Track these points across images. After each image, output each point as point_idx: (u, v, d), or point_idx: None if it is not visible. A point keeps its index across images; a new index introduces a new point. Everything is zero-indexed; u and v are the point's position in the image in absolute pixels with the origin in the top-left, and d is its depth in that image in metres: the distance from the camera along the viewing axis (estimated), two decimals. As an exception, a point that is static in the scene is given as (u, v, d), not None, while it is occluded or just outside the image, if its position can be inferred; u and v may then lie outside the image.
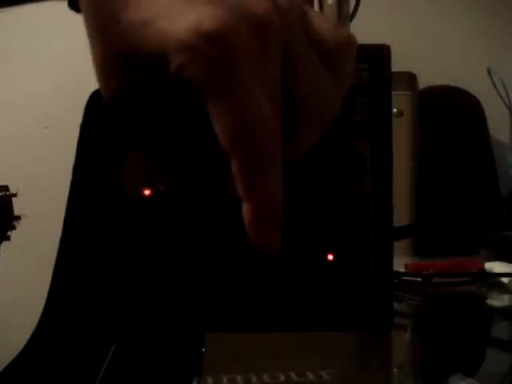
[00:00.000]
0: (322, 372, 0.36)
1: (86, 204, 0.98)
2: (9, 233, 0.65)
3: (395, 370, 0.40)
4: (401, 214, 0.47)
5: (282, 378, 0.35)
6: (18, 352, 0.91)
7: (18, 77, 1.39)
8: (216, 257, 0.44)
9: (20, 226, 0.66)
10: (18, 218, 0.65)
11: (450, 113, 1.34)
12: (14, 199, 0.68)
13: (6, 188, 0.65)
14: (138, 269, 0.43)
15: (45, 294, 1.00)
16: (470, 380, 0.35)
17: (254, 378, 0.35)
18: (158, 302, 0.43)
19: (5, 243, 0.68)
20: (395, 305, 0.47)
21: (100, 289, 0.43)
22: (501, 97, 1.19)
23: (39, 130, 1.38)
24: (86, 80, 0.93)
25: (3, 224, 0.63)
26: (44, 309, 0.97)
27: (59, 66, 1.38)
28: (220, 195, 0.38)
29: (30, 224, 1.27)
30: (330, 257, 0.44)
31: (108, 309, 0.43)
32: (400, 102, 1.12)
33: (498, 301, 0.62)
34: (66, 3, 0.38)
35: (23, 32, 1.39)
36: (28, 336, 0.94)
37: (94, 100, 1.07)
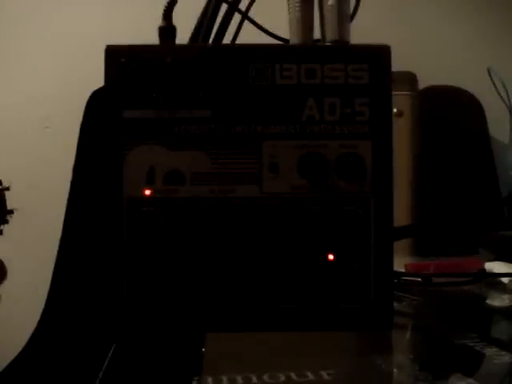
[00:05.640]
0: (322, 372, 0.36)
1: (86, 204, 0.98)
2: (1, 227, 0.65)
3: (395, 369, 0.40)
4: (401, 214, 0.47)
5: (282, 377, 0.35)
6: (18, 352, 0.91)
7: (19, 77, 1.39)
8: (216, 257, 0.44)
9: (20, 225, 0.66)
10: (11, 212, 0.65)
11: (450, 113, 1.34)
12: (14, 198, 0.68)
13: None
14: (139, 269, 0.43)
15: (45, 294, 0.99)
16: (470, 380, 0.35)
17: (254, 378, 0.35)
18: (158, 301, 0.43)
19: (2, 239, 0.68)
20: (395, 305, 0.47)
21: (100, 289, 0.43)
22: (501, 97, 1.19)
23: (40, 129, 1.38)
24: (86, 80, 0.93)
25: (-4, 218, 0.63)
26: (44, 309, 0.97)
27: (60, 66, 1.38)
28: None
29: (30, 223, 1.27)
30: (330, 257, 0.44)
31: (108, 309, 0.43)
32: (400, 102, 1.12)
33: (498, 301, 0.62)
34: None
35: (24, 33, 1.39)
36: (28, 336, 0.94)
37: (94, 100, 1.07)
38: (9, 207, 0.66)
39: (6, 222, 0.64)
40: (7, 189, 0.64)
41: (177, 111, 0.44)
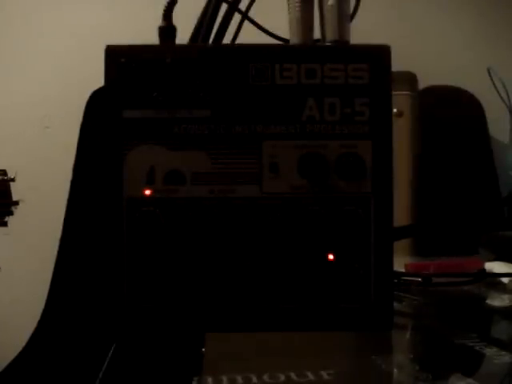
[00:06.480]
0: (322, 372, 0.36)
1: (86, 204, 0.98)
2: (6, 218, 0.65)
3: (395, 369, 0.40)
4: (401, 214, 0.47)
5: (282, 377, 0.35)
6: (17, 352, 0.91)
7: (19, 77, 1.40)
8: (216, 257, 0.44)
9: (20, 225, 0.66)
10: (17, 203, 0.64)
11: (450, 113, 1.34)
12: (14, 198, 0.68)
13: (3, 172, 0.64)
14: (139, 269, 0.43)
15: (45, 294, 1.00)
16: (470, 380, 0.35)
17: (254, 378, 0.35)
18: (158, 301, 0.43)
19: (4, 237, 0.68)
20: (395, 305, 0.47)
21: (100, 289, 0.43)
22: (501, 97, 1.19)
23: (40, 129, 1.38)
24: (86, 80, 0.93)
25: (0, 208, 0.63)
26: (44, 309, 0.97)
27: (60, 66, 1.38)
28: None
29: (30, 223, 1.27)
30: (330, 257, 0.44)
31: (108, 309, 0.43)
32: (400, 102, 1.12)
33: (498, 301, 0.62)
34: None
35: (24, 34, 1.39)
36: (28, 336, 0.94)
37: (94, 100, 1.07)
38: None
39: (11, 213, 0.64)
40: (12, 180, 0.64)
41: (177, 111, 0.44)
